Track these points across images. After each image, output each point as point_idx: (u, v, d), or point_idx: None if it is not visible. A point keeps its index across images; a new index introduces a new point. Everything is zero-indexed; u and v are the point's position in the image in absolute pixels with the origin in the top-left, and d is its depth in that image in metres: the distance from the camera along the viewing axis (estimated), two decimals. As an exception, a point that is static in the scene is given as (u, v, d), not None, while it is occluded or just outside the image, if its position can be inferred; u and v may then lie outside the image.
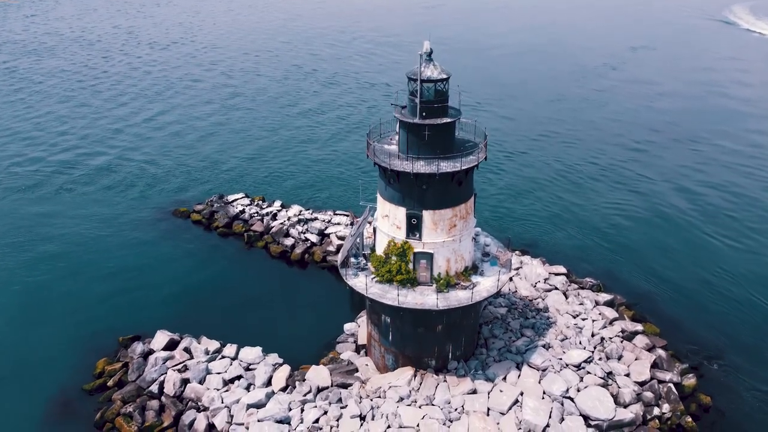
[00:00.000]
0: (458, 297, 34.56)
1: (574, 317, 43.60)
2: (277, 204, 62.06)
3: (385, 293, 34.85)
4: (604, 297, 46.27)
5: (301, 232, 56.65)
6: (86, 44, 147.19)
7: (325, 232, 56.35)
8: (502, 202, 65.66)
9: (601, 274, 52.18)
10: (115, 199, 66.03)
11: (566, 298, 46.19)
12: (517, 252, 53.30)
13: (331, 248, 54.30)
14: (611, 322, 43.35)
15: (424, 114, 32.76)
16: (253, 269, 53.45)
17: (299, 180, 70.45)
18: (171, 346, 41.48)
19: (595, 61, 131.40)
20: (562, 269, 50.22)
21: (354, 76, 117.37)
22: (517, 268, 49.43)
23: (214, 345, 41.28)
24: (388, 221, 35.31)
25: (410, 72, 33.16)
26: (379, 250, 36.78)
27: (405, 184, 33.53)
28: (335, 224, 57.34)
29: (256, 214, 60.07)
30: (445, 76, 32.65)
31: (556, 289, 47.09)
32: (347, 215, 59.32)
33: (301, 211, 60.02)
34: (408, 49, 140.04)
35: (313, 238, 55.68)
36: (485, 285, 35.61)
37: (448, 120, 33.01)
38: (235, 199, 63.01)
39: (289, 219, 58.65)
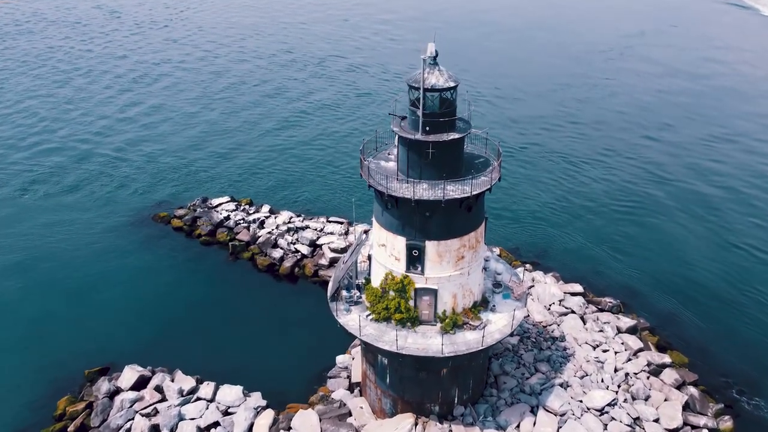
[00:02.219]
0: (466, 340, 29.80)
1: (594, 348, 38.92)
2: (266, 209, 57.05)
3: (381, 334, 30.11)
4: (626, 322, 41.55)
5: (291, 242, 51.75)
6: (63, 25, 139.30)
7: (317, 242, 51.45)
8: (504, 204, 60.46)
9: (619, 290, 47.48)
10: (86, 203, 60.52)
11: (584, 323, 41.50)
12: (527, 266, 48.55)
13: (323, 261, 49.45)
14: (636, 354, 38.68)
15: (427, 129, 27.69)
16: (238, 285, 48.60)
17: (290, 182, 65.10)
18: (141, 384, 36.78)
19: (601, 45, 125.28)
20: (578, 287, 45.46)
21: (354, 65, 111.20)
22: (529, 287, 44.64)
23: (189, 383, 36.56)
24: (385, 251, 30.41)
25: (411, 79, 27.99)
26: (375, 282, 31.95)
27: (405, 210, 28.58)
28: (328, 233, 52.42)
29: (242, 221, 55.09)
30: (452, 84, 27.52)
31: (573, 312, 42.38)
32: (342, 223, 54.40)
33: (291, 218, 55.04)
34: (412, 28, 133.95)
35: (304, 249, 50.81)
36: (498, 324, 30.84)
37: (456, 136, 27.94)
38: (220, 204, 57.96)
39: (277, 227, 53.69)
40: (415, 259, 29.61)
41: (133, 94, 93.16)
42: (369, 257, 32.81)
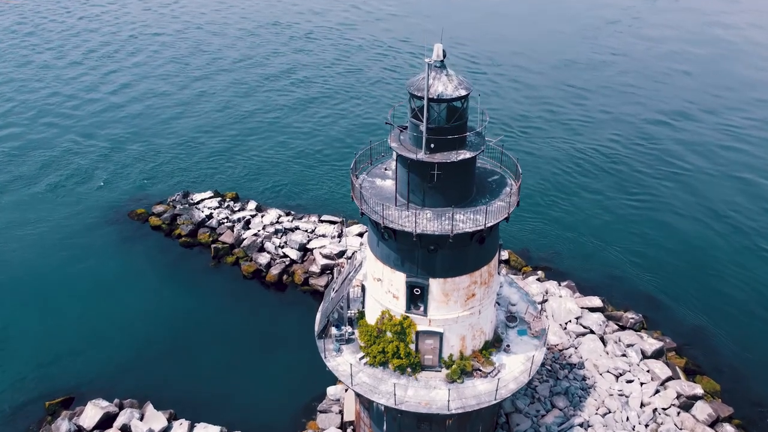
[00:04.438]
0: (477, 392, 25.39)
1: (617, 377, 34.64)
2: (252, 206, 52.21)
3: (377, 383, 25.70)
4: (651, 343, 37.14)
5: (279, 246, 47.07)
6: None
7: (308, 246, 46.79)
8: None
9: (640, 301, 43.08)
10: (52, 198, 55.02)
11: (604, 345, 37.16)
12: (538, 275, 44.02)
13: (314, 268, 44.87)
14: (664, 384, 34.44)
15: (432, 146, 22.77)
16: (220, 296, 44.04)
17: (279, 173, 59.52)
18: (106, 422, 32.54)
19: (607, 15, 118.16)
20: (596, 301, 40.98)
21: (351, 38, 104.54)
22: (542, 302, 40.22)
23: (160, 421, 32.27)
24: (381, 287, 25.79)
25: (412, 85, 22.91)
26: (370, 317, 27.44)
27: (405, 242, 23.84)
28: (320, 236, 47.71)
29: (225, 221, 50.31)
30: (463, 93, 22.47)
31: (592, 332, 38.00)
32: (335, 222, 49.68)
33: (279, 217, 50.23)
34: None
35: (293, 254, 46.17)
36: (513, 370, 26.40)
37: (467, 155, 23.02)
38: (202, 200, 53.04)
39: (264, 228, 48.95)
40: (416, 298, 25.02)
41: (105, 70, 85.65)
42: (363, 288, 28.25)
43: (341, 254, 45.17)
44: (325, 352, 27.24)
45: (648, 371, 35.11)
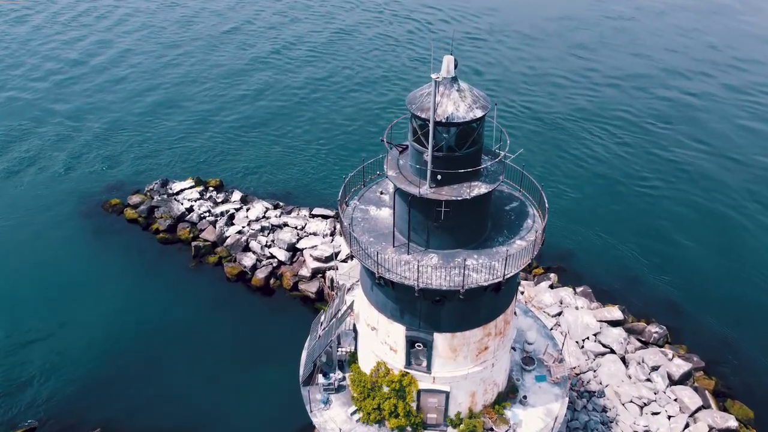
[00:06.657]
0: (489, 459, 21.65)
1: (642, 408, 30.99)
2: (236, 197, 47.68)
3: (372, 447, 21.92)
4: (678, 365, 33.34)
5: (265, 245, 42.82)
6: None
7: (297, 246, 42.54)
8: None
9: (662, 308, 39.29)
10: (18, 186, 50.23)
11: (626, 366, 33.40)
12: (551, 279, 39.92)
13: (305, 272, 40.78)
14: (693, 415, 30.82)
15: (438, 178, 18.27)
16: (200, 303, 39.88)
17: (267, 159, 54.00)
18: (67, 465, 29.05)
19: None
20: (616, 313, 36.96)
21: (356, 23, 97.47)
22: (556, 314, 36.27)
23: (128, 464, 28.81)
24: (376, 336, 21.68)
25: (413, 101, 18.18)
26: (363, 364, 23.43)
27: (404, 292, 19.57)
28: (311, 234, 43.40)
29: (207, 214, 45.87)
30: (479, 113, 17.80)
31: (612, 351, 34.17)
32: (327, 217, 45.33)
33: (266, 211, 45.82)
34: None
35: (281, 255, 41.96)
36: (531, 430, 22.54)
37: (483, 189, 18.52)
38: (182, 190, 48.45)
39: (249, 224, 44.60)
40: (418, 353, 20.95)
41: (79, 45, 78.06)
42: (354, 329, 24.13)
43: (334, 256, 41.01)
44: (311, 404, 23.34)
45: (676, 400, 31.44)
